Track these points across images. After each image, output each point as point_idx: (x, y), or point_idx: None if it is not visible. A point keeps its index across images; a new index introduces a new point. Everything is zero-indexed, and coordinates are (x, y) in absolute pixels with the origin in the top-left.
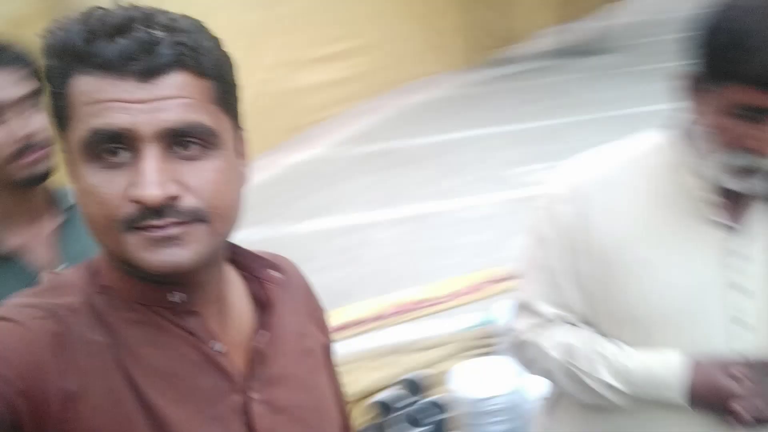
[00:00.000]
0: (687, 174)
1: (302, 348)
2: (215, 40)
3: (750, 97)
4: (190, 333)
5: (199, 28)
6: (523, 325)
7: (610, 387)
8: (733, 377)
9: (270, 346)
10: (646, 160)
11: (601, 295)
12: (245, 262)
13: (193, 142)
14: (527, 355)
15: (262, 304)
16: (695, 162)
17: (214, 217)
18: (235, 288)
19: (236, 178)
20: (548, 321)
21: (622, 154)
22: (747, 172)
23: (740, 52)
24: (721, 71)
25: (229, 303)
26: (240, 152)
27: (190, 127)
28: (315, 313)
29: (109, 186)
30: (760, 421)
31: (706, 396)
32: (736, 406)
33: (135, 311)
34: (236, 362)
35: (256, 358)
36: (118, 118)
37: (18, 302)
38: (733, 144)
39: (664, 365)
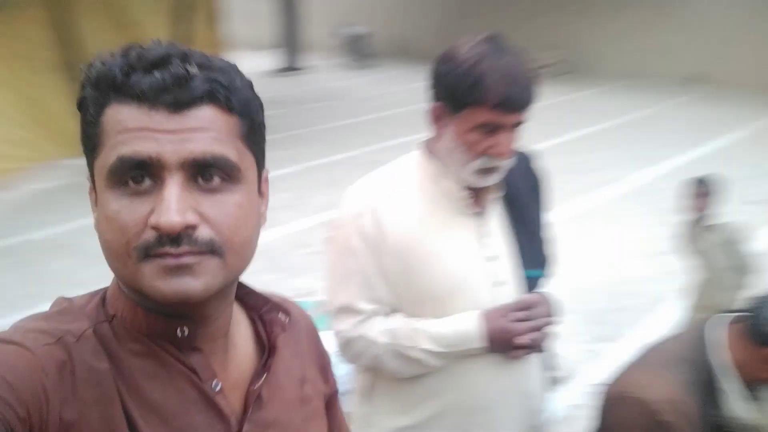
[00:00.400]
0: (444, 180)
1: (301, 395)
2: (247, 82)
3: (485, 116)
4: (192, 370)
5: (233, 68)
6: (346, 325)
7: (431, 352)
8: (512, 319)
9: (268, 390)
10: (413, 175)
11: (405, 284)
12: (253, 302)
13: (216, 175)
14: (354, 350)
15: (266, 347)
16: (447, 171)
17: (228, 251)
18: (241, 327)
19: (254, 216)
20: (368, 316)
21: (394, 173)
22: (487, 171)
23: (474, 85)
24: (461, 101)
25: (234, 342)
26: (261, 192)
27: (214, 159)
28: (320, 359)
29: (131, 213)
30: (535, 346)
31: (497, 338)
32: (518, 340)
33: (139, 343)
34: (233, 403)
35: (254, 401)
36: (145, 147)
37: (29, 326)
38: (477, 152)
39: (465, 323)
